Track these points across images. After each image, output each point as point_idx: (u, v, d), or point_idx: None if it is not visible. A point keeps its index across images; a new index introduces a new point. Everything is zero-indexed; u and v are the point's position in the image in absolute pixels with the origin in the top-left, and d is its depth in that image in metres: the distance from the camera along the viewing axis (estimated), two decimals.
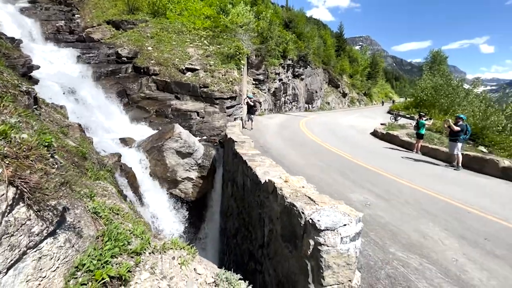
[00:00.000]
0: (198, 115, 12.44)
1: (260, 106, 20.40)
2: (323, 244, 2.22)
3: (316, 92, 32.54)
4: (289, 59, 25.81)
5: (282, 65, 24.75)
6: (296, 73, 27.83)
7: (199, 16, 19.61)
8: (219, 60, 15.47)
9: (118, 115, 10.93)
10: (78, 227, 2.22)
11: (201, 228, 9.81)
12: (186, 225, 8.75)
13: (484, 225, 4.29)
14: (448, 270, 2.98)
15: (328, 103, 35.46)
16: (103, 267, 2.04)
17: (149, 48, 15.14)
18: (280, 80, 24.56)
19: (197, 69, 14.25)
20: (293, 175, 3.75)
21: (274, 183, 3.32)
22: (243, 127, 13.30)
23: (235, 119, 13.83)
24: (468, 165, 8.53)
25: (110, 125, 9.51)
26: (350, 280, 2.36)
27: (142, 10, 18.56)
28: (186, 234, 8.44)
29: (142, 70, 13.71)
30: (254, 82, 21.44)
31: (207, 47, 16.61)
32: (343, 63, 43.25)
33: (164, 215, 7.62)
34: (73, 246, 2.07)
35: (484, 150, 13.08)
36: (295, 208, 2.64)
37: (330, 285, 2.29)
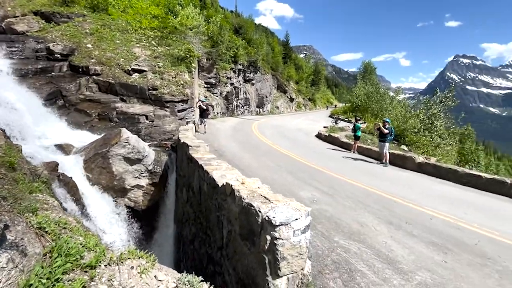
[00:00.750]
0: (147, 119, 11.80)
1: (213, 110, 20.29)
2: (278, 238, 2.45)
3: (266, 96, 33.70)
4: (240, 64, 26.26)
5: (233, 69, 25.04)
6: (247, 78, 28.43)
7: (145, 15, 18.60)
8: (168, 62, 14.93)
9: (51, 118, 9.70)
10: (22, 245, 2.02)
11: (154, 237, 9.33)
12: (138, 235, 8.25)
13: (405, 211, 5.12)
14: (380, 251, 3.52)
15: (277, 107, 37.04)
16: (54, 285, 1.92)
17: (89, 45, 13.79)
18: (232, 84, 24.80)
19: (144, 71, 13.52)
20: (248, 177, 3.94)
21: (231, 185, 3.45)
22: (196, 131, 13.10)
23: (187, 122, 13.52)
24: (393, 161, 9.94)
25: (43, 130, 8.39)
26: (302, 269, 2.64)
27: (78, 3, 16.77)
28: (138, 244, 7.94)
29: (80, 70, 12.41)
30: (205, 86, 21.22)
31: (155, 48, 15.88)
32: (289, 70, 45.72)
33: (112, 226, 7.06)
34: (16, 266, 1.89)
35: (405, 148, 15.34)
36: (252, 208, 2.82)
37: (286, 275, 2.53)
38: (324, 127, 19.98)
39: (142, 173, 9.09)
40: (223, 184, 3.82)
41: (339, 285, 2.78)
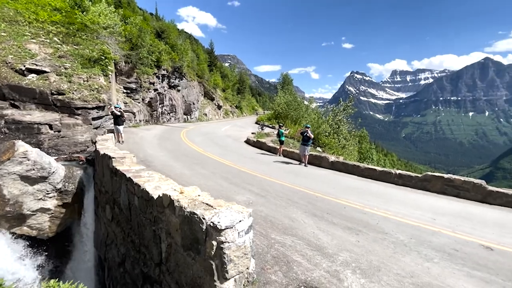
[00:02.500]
0: (51, 129, 9.92)
1: (135, 117, 18.58)
2: (225, 242, 2.51)
3: (194, 103, 32.91)
4: (164, 70, 24.92)
5: (157, 75, 23.57)
6: (172, 84, 27.18)
7: (43, 6, 15.66)
8: (78, 63, 12.96)
9: None
10: None
11: (67, 268, 7.85)
12: (46, 268, 6.79)
13: (326, 204, 5.91)
14: (310, 240, 3.98)
15: (206, 114, 36.63)
16: None
17: None
18: (156, 90, 23.26)
19: (45, 71, 11.35)
20: (183, 186, 3.85)
21: (169, 196, 3.32)
22: (117, 141, 11.74)
23: (105, 132, 11.98)
24: (312, 162, 11.23)
25: None
26: (247, 268, 2.77)
27: None
28: (46, 281, 6.53)
29: None
30: (125, 91, 19.26)
31: (59, 45, 13.54)
32: (216, 78, 46.02)
33: (8, 264, 5.62)
34: None
35: (320, 150, 17.51)
36: (196, 216, 2.79)
37: (233, 276, 2.60)
38: (252, 133, 20.87)
39: (48, 194, 7.57)
40: (159, 195, 3.62)
41: (280, 277, 3.03)
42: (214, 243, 2.56)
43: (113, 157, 5.92)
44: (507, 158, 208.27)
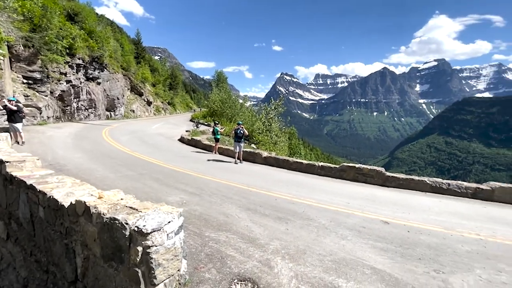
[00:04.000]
0: None
1: (40, 113, 15.51)
2: (151, 246, 2.32)
3: (118, 98, 29.48)
4: (80, 59, 21.51)
5: (70, 64, 20.17)
6: (91, 76, 23.70)
7: None
8: None
9: None
10: None
11: None
12: None
13: (259, 197, 6.14)
14: (244, 234, 4.06)
15: (133, 111, 33.31)
16: None
17: None
18: (69, 82, 19.88)
19: None
20: (106, 190, 3.41)
21: (85, 202, 2.87)
22: (16, 141, 9.58)
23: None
24: (246, 158, 11.52)
25: None
26: (179, 270, 2.63)
27: None
28: None
29: None
30: (26, 81, 15.83)
31: None
32: (144, 71, 42.26)
33: None
34: None
35: (254, 146, 18.11)
36: (117, 222, 2.49)
37: (162, 281, 2.44)
38: (187, 131, 20.06)
39: None
40: (71, 203, 3.10)
41: (213, 274, 2.99)
42: (140, 248, 2.34)
43: (7, 161, 4.78)
44: (400, 150, 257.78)
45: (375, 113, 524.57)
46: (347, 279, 2.95)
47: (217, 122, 14.69)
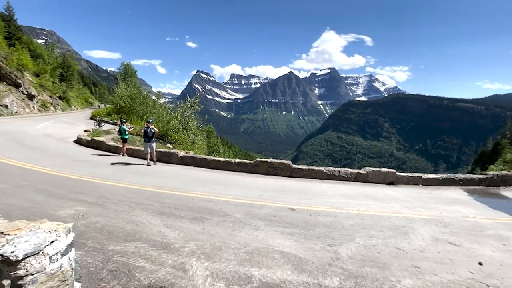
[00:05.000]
0: None
1: None
2: (25, 276, 1.82)
3: None
4: None
5: None
6: None
7: None
8: None
9: None
10: None
11: None
12: None
13: (174, 199, 5.79)
14: (156, 240, 3.73)
15: (6, 106, 25.72)
16: None
17: None
18: None
19: None
20: None
21: None
22: None
23: None
24: (161, 159, 10.71)
25: None
26: None
27: None
28: None
29: None
30: None
31: None
32: (22, 57, 33.16)
33: None
34: None
35: (170, 146, 17.04)
36: None
37: None
38: (85, 130, 17.00)
39: None
40: None
41: None
42: (6, 282, 1.80)
43: None
44: (304, 145, 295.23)
45: (284, 112, 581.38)
46: (259, 267, 3.13)
47: (124, 120, 13.00)
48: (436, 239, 4.29)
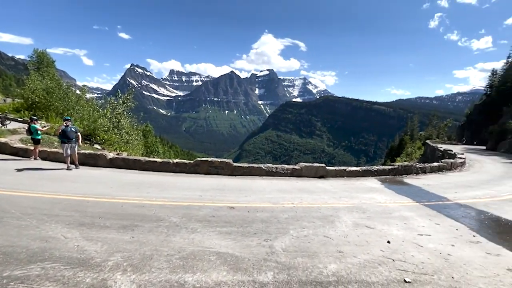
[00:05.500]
0: None
1: None
2: None
3: None
4: None
5: None
6: None
7: None
8: None
9: None
10: None
11: None
12: None
13: (99, 207, 5.07)
14: (71, 257, 3.17)
15: None
16: None
17: None
18: None
19: None
20: None
21: None
22: None
23: None
24: (85, 162, 9.32)
25: None
26: None
27: None
28: None
29: None
30: None
31: None
32: None
33: None
34: None
35: (98, 147, 15.03)
36: None
37: None
38: None
39: None
40: None
41: None
42: None
43: None
44: (247, 143, 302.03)
45: (226, 111, 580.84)
46: (193, 272, 2.97)
47: (35, 118, 10.77)
48: (357, 224, 4.87)
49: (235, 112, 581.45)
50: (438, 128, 55.25)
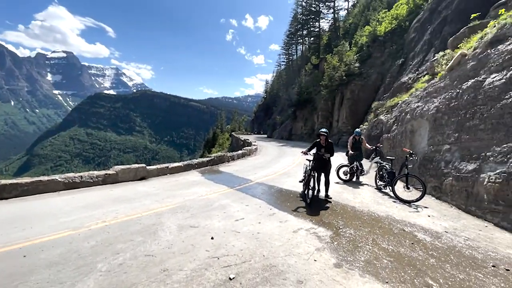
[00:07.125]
0: None
1: None
2: None
3: None
4: None
5: None
6: None
7: None
8: None
9: None
10: None
11: None
12: None
13: None
14: None
15: None
16: None
17: None
18: None
19: None
20: None
21: None
22: None
23: None
24: None
25: None
26: None
27: None
28: None
29: None
30: None
31: None
32: None
33: None
34: None
35: None
36: None
37: None
38: None
39: None
40: None
41: None
42: None
43: None
44: (40, 145, 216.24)
45: None
46: None
47: None
48: (181, 227, 4.47)
49: (12, 103, 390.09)
50: (239, 122, 69.41)
